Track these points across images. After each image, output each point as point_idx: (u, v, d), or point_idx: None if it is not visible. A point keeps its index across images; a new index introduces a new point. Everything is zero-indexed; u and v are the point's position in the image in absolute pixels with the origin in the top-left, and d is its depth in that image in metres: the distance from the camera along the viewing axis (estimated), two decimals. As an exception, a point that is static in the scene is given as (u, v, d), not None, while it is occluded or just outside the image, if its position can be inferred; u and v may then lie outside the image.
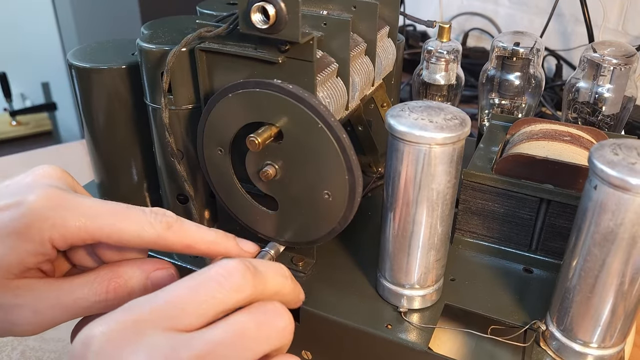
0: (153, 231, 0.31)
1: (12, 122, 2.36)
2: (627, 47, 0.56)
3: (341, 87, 0.42)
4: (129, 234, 0.30)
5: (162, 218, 0.31)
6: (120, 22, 1.37)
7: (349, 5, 0.44)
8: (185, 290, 0.26)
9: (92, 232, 0.30)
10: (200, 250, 0.33)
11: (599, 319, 0.35)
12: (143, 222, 0.31)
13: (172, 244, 0.32)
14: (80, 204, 0.30)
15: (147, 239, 0.31)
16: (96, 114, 0.50)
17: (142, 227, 0.31)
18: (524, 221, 0.45)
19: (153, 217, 0.31)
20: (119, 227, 0.30)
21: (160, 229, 0.31)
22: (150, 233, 0.31)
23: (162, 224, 0.31)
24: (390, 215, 0.38)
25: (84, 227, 0.30)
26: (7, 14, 2.23)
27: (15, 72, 2.29)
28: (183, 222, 0.32)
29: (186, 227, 0.32)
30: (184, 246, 0.32)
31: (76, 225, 0.29)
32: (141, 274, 0.32)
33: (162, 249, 0.32)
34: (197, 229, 0.33)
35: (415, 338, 0.39)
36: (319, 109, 0.36)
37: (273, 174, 0.39)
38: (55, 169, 0.32)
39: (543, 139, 0.48)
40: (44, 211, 0.29)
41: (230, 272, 0.27)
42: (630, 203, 0.30)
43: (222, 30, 0.39)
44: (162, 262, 0.34)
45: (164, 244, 0.32)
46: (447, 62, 0.61)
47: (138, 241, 0.31)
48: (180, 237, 0.32)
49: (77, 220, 0.29)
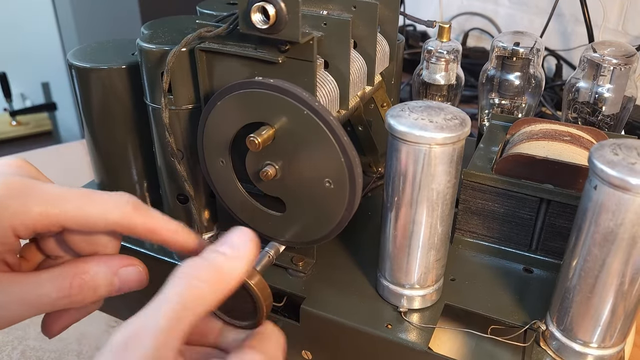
0: (117, 212, 0.30)
1: (12, 122, 2.36)
2: (627, 47, 0.56)
3: (330, 80, 0.42)
4: (94, 215, 0.30)
5: (128, 199, 0.31)
6: (120, 22, 1.37)
7: (349, 5, 0.44)
8: None
9: (55, 217, 0.29)
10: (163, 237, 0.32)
11: (599, 319, 0.35)
12: (108, 202, 0.30)
13: (136, 225, 0.31)
14: (42, 190, 0.29)
15: (111, 219, 0.30)
16: (96, 114, 0.50)
17: (107, 209, 0.30)
18: (524, 221, 0.45)
19: (118, 197, 0.31)
20: (83, 210, 0.30)
21: (127, 210, 0.30)
22: (115, 213, 0.30)
23: (128, 204, 0.31)
24: (390, 215, 0.38)
25: (45, 212, 0.29)
26: (7, 14, 2.23)
27: (15, 72, 2.29)
28: (149, 208, 0.32)
29: (152, 212, 0.32)
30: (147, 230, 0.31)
31: (37, 211, 0.29)
32: (107, 269, 0.32)
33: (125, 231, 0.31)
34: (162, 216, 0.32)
35: (415, 338, 0.39)
36: (302, 95, 0.35)
37: (273, 174, 0.39)
38: (16, 159, 0.32)
39: (543, 139, 0.48)
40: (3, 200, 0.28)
41: None
42: (630, 203, 0.30)
43: (222, 30, 0.39)
44: (130, 258, 0.33)
45: (128, 225, 0.31)
46: (447, 62, 0.61)
47: (103, 223, 0.30)
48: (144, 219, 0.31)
49: (39, 206, 0.29)
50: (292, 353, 0.45)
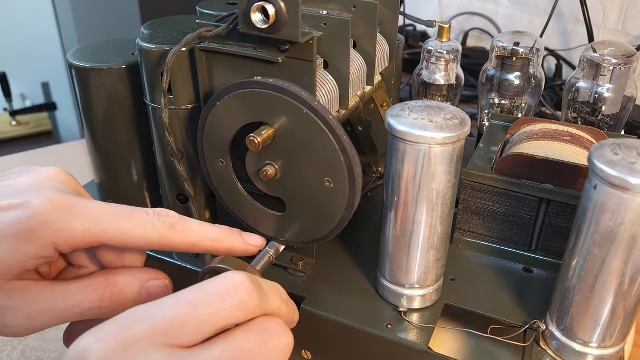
0: (156, 232, 0.31)
1: (12, 122, 2.36)
2: (627, 47, 0.56)
3: (330, 80, 0.42)
4: (133, 236, 0.30)
5: (165, 219, 0.31)
6: (120, 22, 1.37)
7: (349, 5, 0.44)
8: (185, 306, 0.26)
9: (96, 236, 0.30)
10: (205, 248, 0.33)
11: (599, 318, 0.35)
12: (147, 223, 0.31)
13: (176, 243, 0.32)
14: (85, 208, 0.30)
15: (151, 240, 0.31)
16: (96, 114, 0.50)
17: (146, 229, 0.31)
18: (524, 221, 0.45)
19: (156, 218, 0.31)
20: (123, 230, 0.30)
21: (164, 230, 0.31)
22: (154, 234, 0.31)
23: (165, 224, 0.31)
24: (390, 215, 0.38)
25: (88, 231, 0.29)
26: (7, 14, 2.23)
27: (15, 72, 2.29)
28: (186, 221, 0.32)
29: (189, 226, 0.32)
30: (188, 245, 0.32)
31: (80, 229, 0.29)
32: (136, 282, 0.32)
33: (166, 249, 0.32)
34: (201, 227, 0.33)
35: (415, 338, 0.39)
36: (301, 95, 0.35)
37: (273, 174, 0.39)
38: (59, 171, 0.32)
39: (543, 139, 0.48)
40: (48, 215, 0.29)
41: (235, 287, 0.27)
42: (630, 203, 0.30)
43: (222, 30, 0.39)
44: (157, 272, 0.34)
45: (168, 244, 0.31)
46: (447, 62, 0.61)
47: (143, 243, 0.31)
48: (184, 237, 0.32)
49: (81, 225, 0.29)
50: (292, 353, 0.45)
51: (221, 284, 0.27)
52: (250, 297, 0.27)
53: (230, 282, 0.27)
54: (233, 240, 0.34)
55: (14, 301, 0.29)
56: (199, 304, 0.26)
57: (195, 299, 0.26)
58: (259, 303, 0.27)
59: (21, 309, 0.29)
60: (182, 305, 0.26)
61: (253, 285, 0.27)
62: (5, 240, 0.28)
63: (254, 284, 0.28)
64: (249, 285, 0.27)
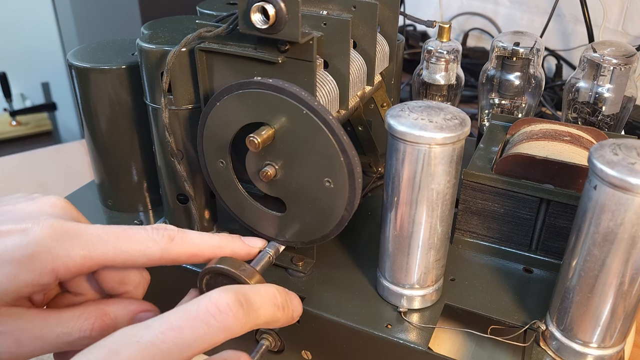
0: (157, 247, 0.31)
1: (12, 122, 2.36)
2: (627, 47, 0.56)
3: (330, 80, 0.42)
4: (134, 253, 0.31)
5: (164, 232, 0.32)
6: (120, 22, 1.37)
7: (349, 5, 0.44)
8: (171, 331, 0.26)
9: (97, 259, 0.30)
10: (207, 256, 0.33)
11: (599, 319, 0.35)
12: (146, 239, 0.31)
13: (178, 255, 0.32)
14: (84, 233, 0.30)
15: (153, 255, 0.31)
16: (96, 114, 0.50)
17: (146, 245, 0.31)
18: (524, 221, 0.45)
19: (155, 233, 0.31)
20: (123, 249, 0.30)
21: (164, 243, 0.31)
22: (155, 249, 0.31)
23: (165, 237, 0.31)
24: (390, 215, 0.38)
25: (88, 255, 0.30)
26: (7, 14, 2.23)
27: (15, 72, 2.29)
28: (185, 233, 0.33)
29: (189, 237, 0.32)
30: (189, 255, 0.32)
31: (81, 254, 0.29)
32: (127, 313, 0.32)
33: (169, 262, 0.32)
34: (201, 236, 0.33)
35: (415, 338, 0.39)
36: (301, 95, 0.35)
37: (273, 174, 0.39)
38: (59, 199, 0.33)
39: (543, 139, 0.48)
40: (48, 242, 0.29)
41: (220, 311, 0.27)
42: (630, 203, 0.30)
43: (222, 30, 0.39)
44: (148, 304, 0.34)
45: (170, 257, 0.32)
46: (447, 62, 0.61)
47: (144, 259, 0.31)
48: (184, 247, 0.32)
49: (81, 249, 0.29)
50: (292, 353, 0.45)
51: (206, 307, 0.27)
52: (236, 319, 0.27)
53: (215, 305, 0.27)
54: (234, 245, 0.35)
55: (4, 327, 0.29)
56: (184, 329, 0.26)
57: (181, 324, 0.26)
58: (245, 321, 0.28)
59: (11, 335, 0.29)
60: (168, 331, 0.26)
61: (239, 306, 0.28)
62: (4, 265, 0.28)
63: (240, 303, 0.28)
64: (234, 307, 0.27)
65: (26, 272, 0.28)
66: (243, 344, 0.47)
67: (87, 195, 0.57)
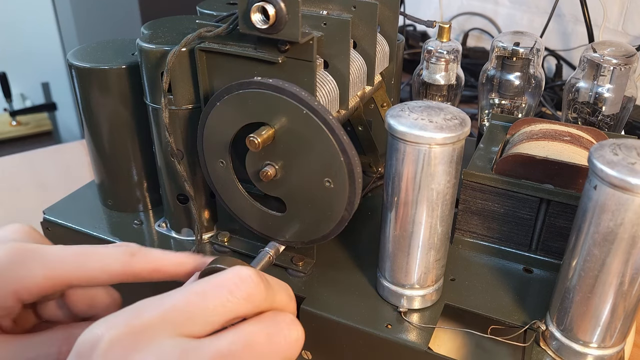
0: (117, 263, 0.31)
1: (12, 122, 2.36)
2: (627, 47, 0.56)
3: (330, 80, 0.42)
4: (94, 270, 0.31)
5: (125, 248, 0.32)
6: (120, 22, 1.37)
7: (349, 5, 0.44)
8: (194, 296, 0.26)
9: (58, 278, 0.30)
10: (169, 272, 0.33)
11: (599, 319, 0.35)
12: (106, 256, 0.31)
13: (139, 270, 0.32)
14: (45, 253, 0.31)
15: (113, 271, 0.31)
16: (96, 114, 0.50)
17: (106, 262, 0.31)
18: (524, 221, 0.45)
19: (116, 250, 0.32)
20: (84, 267, 0.31)
21: (125, 259, 0.32)
22: (116, 265, 0.31)
23: (126, 254, 0.32)
24: (390, 215, 0.38)
25: (49, 274, 0.30)
26: (7, 14, 2.23)
27: (15, 72, 2.29)
28: (147, 249, 0.33)
29: (151, 253, 0.33)
30: (151, 271, 0.32)
31: (42, 274, 0.30)
32: None
33: (130, 278, 0.32)
34: (163, 252, 0.33)
35: (415, 338, 0.39)
36: (301, 95, 0.36)
37: (273, 174, 0.39)
38: (22, 225, 0.33)
39: (543, 139, 0.48)
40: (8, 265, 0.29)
41: (243, 280, 0.27)
42: (630, 203, 0.30)
43: (222, 30, 0.39)
44: None
45: (131, 272, 0.32)
46: (447, 62, 0.61)
47: (105, 276, 0.31)
48: (145, 263, 0.32)
49: (42, 269, 0.30)
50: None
51: (229, 277, 0.27)
52: (258, 290, 0.27)
53: (237, 275, 0.27)
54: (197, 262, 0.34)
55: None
56: (208, 294, 0.26)
57: (205, 290, 0.26)
58: (266, 296, 0.28)
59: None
60: (192, 296, 0.26)
61: (260, 279, 0.28)
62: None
63: (261, 277, 0.28)
64: (256, 279, 0.27)
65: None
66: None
67: (87, 195, 0.57)
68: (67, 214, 0.53)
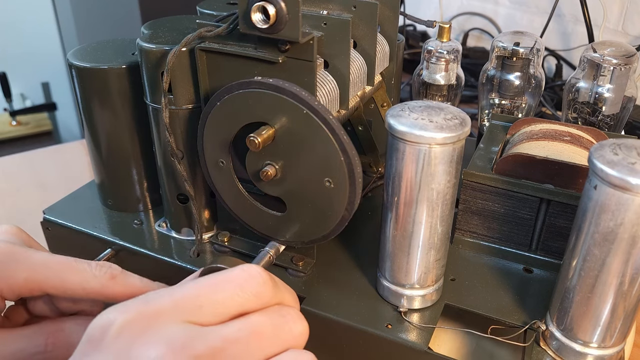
0: (96, 282, 0.32)
1: (12, 122, 2.36)
2: (627, 47, 0.56)
3: (330, 80, 0.42)
4: (73, 284, 0.32)
5: (108, 270, 0.33)
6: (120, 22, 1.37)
7: (349, 5, 0.44)
8: (205, 288, 0.27)
9: (37, 283, 0.31)
10: None
11: (599, 318, 0.35)
12: (87, 273, 0.32)
13: (116, 294, 0.33)
14: (30, 257, 0.32)
15: (91, 289, 0.32)
16: (96, 114, 0.50)
17: (86, 279, 0.32)
18: (524, 221, 0.45)
19: (97, 269, 0.33)
20: (63, 279, 0.32)
21: (104, 280, 0.33)
22: (94, 284, 0.32)
23: (106, 275, 0.33)
24: (390, 215, 0.38)
25: (31, 278, 0.31)
26: (7, 14, 2.23)
27: (15, 72, 2.29)
28: (127, 274, 0.34)
29: (130, 279, 0.34)
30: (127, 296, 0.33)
31: (23, 277, 0.31)
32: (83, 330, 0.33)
33: (106, 299, 0.33)
34: (141, 280, 0.34)
35: (415, 338, 0.39)
36: (301, 95, 0.36)
37: (273, 174, 0.39)
38: (12, 227, 0.34)
39: (543, 139, 0.48)
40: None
41: (252, 276, 0.28)
42: (630, 203, 0.30)
43: (222, 30, 0.39)
44: None
45: (109, 294, 0.33)
46: (447, 62, 0.61)
47: (82, 292, 0.32)
48: (124, 288, 0.33)
49: (24, 272, 0.31)
50: (292, 353, 0.45)
51: (238, 273, 0.28)
52: (266, 287, 0.28)
53: (246, 272, 0.28)
54: None
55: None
56: (218, 287, 0.27)
57: (215, 283, 0.27)
58: (273, 295, 0.28)
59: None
60: (203, 288, 0.27)
61: (268, 277, 0.28)
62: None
63: (270, 276, 0.29)
64: (265, 276, 0.28)
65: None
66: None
67: (87, 195, 0.57)
68: (67, 214, 0.53)
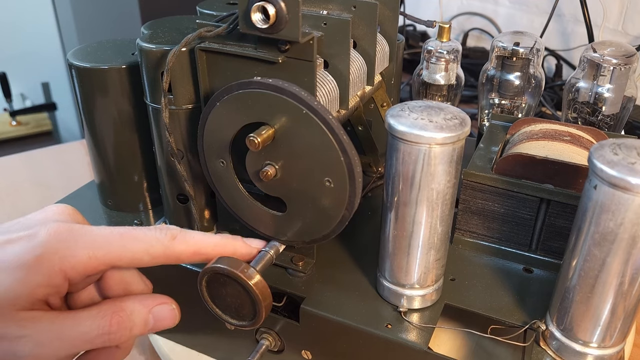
0: (160, 245, 0.32)
1: (12, 122, 2.36)
2: (627, 47, 0.56)
3: (330, 80, 0.42)
4: (138, 252, 0.32)
5: (167, 231, 0.33)
6: (120, 22, 1.37)
7: (349, 5, 0.44)
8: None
9: (102, 258, 0.31)
10: (209, 254, 0.35)
11: (599, 318, 0.35)
12: (149, 238, 0.32)
13: (180, 252, 0.33)
14: (88, 234, 0.31)
15: (156, 253, 0.32)
16: (96, 114, 0.50)
17: (150, 244, 0.32)
18: (524, 221, 0.45)
19: (158, 232, 0.33)
20: (127, 248, 0.32)
21: (166, 241, 0.33)
22: (158, 247, 0.32)
23: (167, 236, 0.33)
24: (390, 215, 0.38)
25: (94, 255, 0.31)
26: (7, 14, 2.23)
27: (15, 72, 2.29)
28: (187, 232, 0.34)
29: (191, 235, 0.34)
30: (192, 253, 0.34)
31: (87, 254, 0.31)
32: (143, 308, 0.33)
33: (171, 260, 0.33)
34: (202, 235, 0.34)
35: (415, 338, 0.39)
36: (301, 95, 0.36)
37: (273, 174, 0.39)
38: (66, 206, 0.34)
39: (543, 139, 0.48)
40: (54, 244, 0.30)
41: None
42: (630, 203, 0.30)
43: (222, 30, 0.39)
44: (163, 297, 0.35)
45: (173, 255, 0.33)
46: (447, 62, 0.61)
47: (148, 258, 0.32)
48: (187, 245, 0.33)
49: (87, 250, 0.31)
50: (292, 353, 0.45)
51: None
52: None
53: None
54: (235, 244, 0.36)
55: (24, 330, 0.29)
56: None
57: None
58: None
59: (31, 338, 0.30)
60: None
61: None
62: (15, 270, 0.29)
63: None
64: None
65: (36, 275, 0.29)
66: (243, 344, 0.47)
67: (87, 195, 0.57)
68: (67, 214, 0.53)
